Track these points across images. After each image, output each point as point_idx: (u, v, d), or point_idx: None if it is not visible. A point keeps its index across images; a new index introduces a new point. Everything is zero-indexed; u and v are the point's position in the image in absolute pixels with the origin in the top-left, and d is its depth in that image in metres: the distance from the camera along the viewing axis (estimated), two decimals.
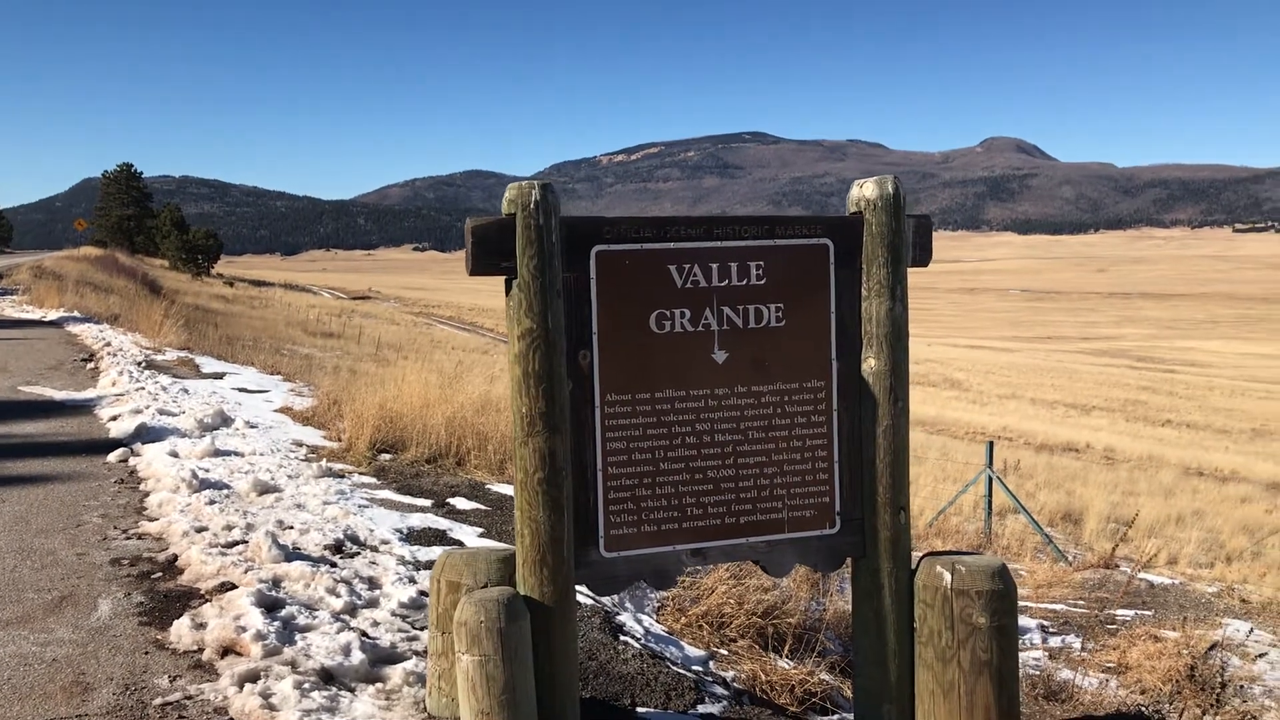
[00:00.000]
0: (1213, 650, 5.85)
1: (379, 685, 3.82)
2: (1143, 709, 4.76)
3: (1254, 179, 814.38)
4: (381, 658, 4.04)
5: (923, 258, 3.79)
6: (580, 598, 4.85)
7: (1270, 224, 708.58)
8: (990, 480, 12.20)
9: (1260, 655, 6.76)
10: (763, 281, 3.62)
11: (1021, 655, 6.23)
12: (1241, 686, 5.87)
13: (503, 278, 3.33)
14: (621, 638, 4.61)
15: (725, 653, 4.91)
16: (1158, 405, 46.51)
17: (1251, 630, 7.53)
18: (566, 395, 3.36)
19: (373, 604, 4.65)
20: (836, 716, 4.42)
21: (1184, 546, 12.92)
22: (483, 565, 3.51)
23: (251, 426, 8.93)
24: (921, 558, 3.79)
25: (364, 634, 4.23)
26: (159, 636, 4.09)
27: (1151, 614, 7.99)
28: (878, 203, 3.66)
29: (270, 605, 4.33)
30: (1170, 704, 4.93)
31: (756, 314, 3.62)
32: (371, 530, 5.77)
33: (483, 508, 6.56)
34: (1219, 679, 5.19)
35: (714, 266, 3.57)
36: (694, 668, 4.62)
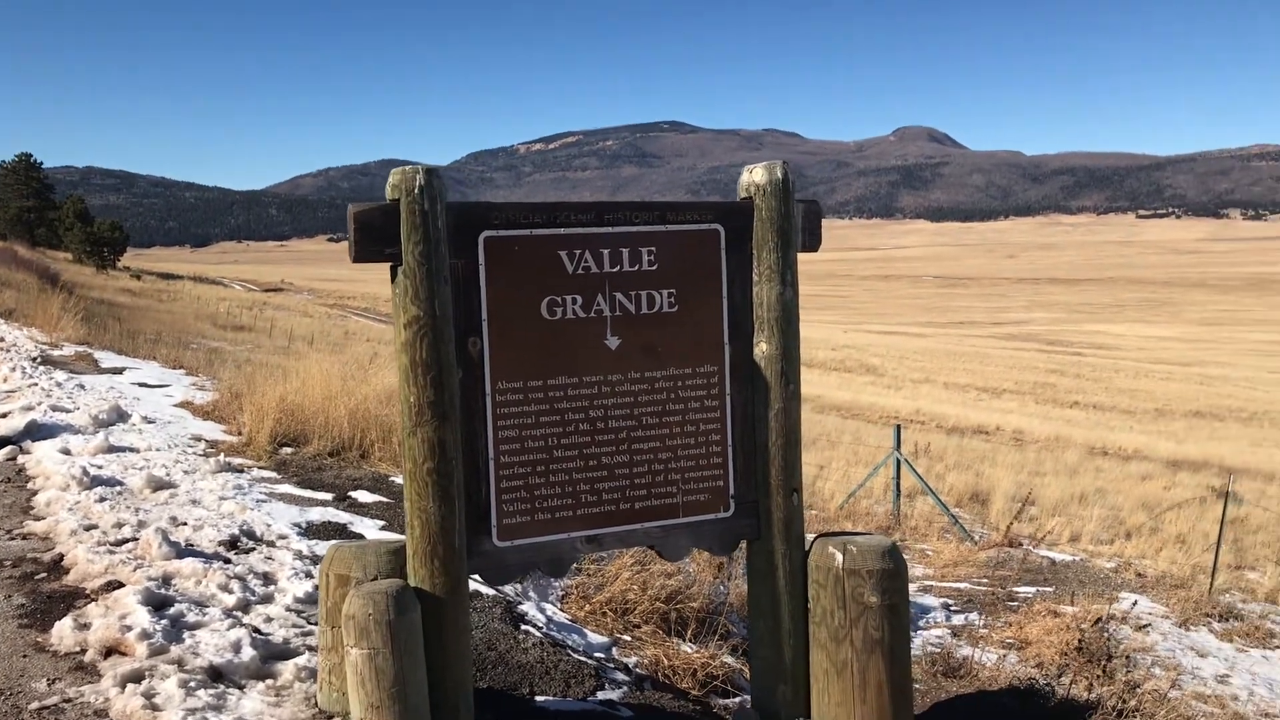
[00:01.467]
0: (1105, 624, 6.02)
1: (270, 682, 3.75)
2: (1036, 682, 4.88)
3: (1156, 166, 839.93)
4: (274, 654, 3.96)
5: (812, 242, 3.82)
6: (482, 588, 4.81)
7: (1171, 210, 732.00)
8: (899, 463, 12.41)
9: (1151, 627, 6.98)
10: (655, 267, 3.62)
11: (924, 633, 6.37)
12: (1130, 657, 6.06)
13: (388, 265, 3.28)
14: (523, 627, 4.59)
15: (629, 639, 4.91)
16: (1066, 387, 47.77)
17: (1136, 602, 7.77)
18: (456, 384, 3.32)
19: (267, 600, 4.56)
20: (737, 698, 4.45)
21: (1086, 524, 13.26)
22: (372, 558, 3.45)
23: (149, 422, 8.69)
24: (814, 539, 3.83)
25: (256, 630, 4.14)
26: (39, 639, 3.96)
27: (1052, 590, 8.20)
28: (767, 188, 3.67)
29: (159, 603, 4.22)
30: (1062, 676, 5.06)
31: (649, 300, 3.61)
32: (269, 525, 5.66)
33: (385, 500, 6.48)
34: (1108, 651, 5.35)
35: (605, 252, 3.55)
36: (596, 655, 4.62)
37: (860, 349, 60.89)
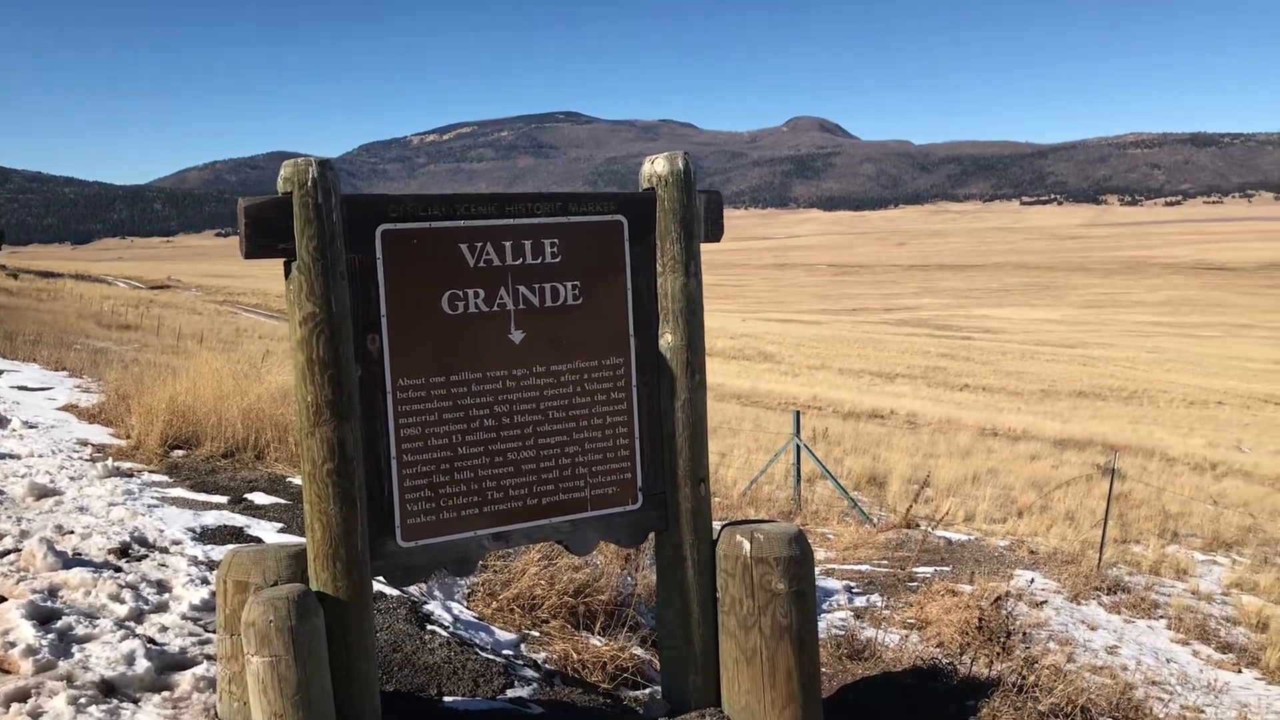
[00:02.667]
0: (1003, 601, 6.19)
1: (166, 694, 3.62)
2: (939, 662, 4.99)
3: (1038, 154, 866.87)
4: (170, 664, 3.82)
5: (715, 232, 3.83)
6: (385, 589, 4.72)
7: (1053, 197, 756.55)
8: (799, 448, 12.58)
9: (1045, 603, 7.20)
10: (558, 259, 3.58)
11: (828, 616, 6.46)
12: (1027, 633, 6.24)
13: (282, 260, 3.18)
14: (429, 627, 4.51)
15: (537, 634, 4.88)
16: (956, 371, 49.03)
17: (1035, 579, 8.02)
18: (355, 381, 3.24)
19: (161, 608, 4.40)
20: (647, 689, 4.45)
21: (980, 504, 13.63)
22: (272, 562, 3.35)
23: (31, 426, 8.33)
24: (722, 528, 3.84)
25: (151, 640, 3.99)
26: None
27: (950, 570, 8.40)
28: (669, 178, 3.66)
29: (45, 617, 4.03)
30: (963, 654, 5.18)
31: (553, 292, 3.58)
32: (162, 531, 5.47)
33: (283, 502, 6.32)
34: (1006, 628, 5.49)
35: (507, 245, 3.50)
36: (504, 652, 4.57)
37: (758, 337, 61.61)
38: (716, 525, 3.90)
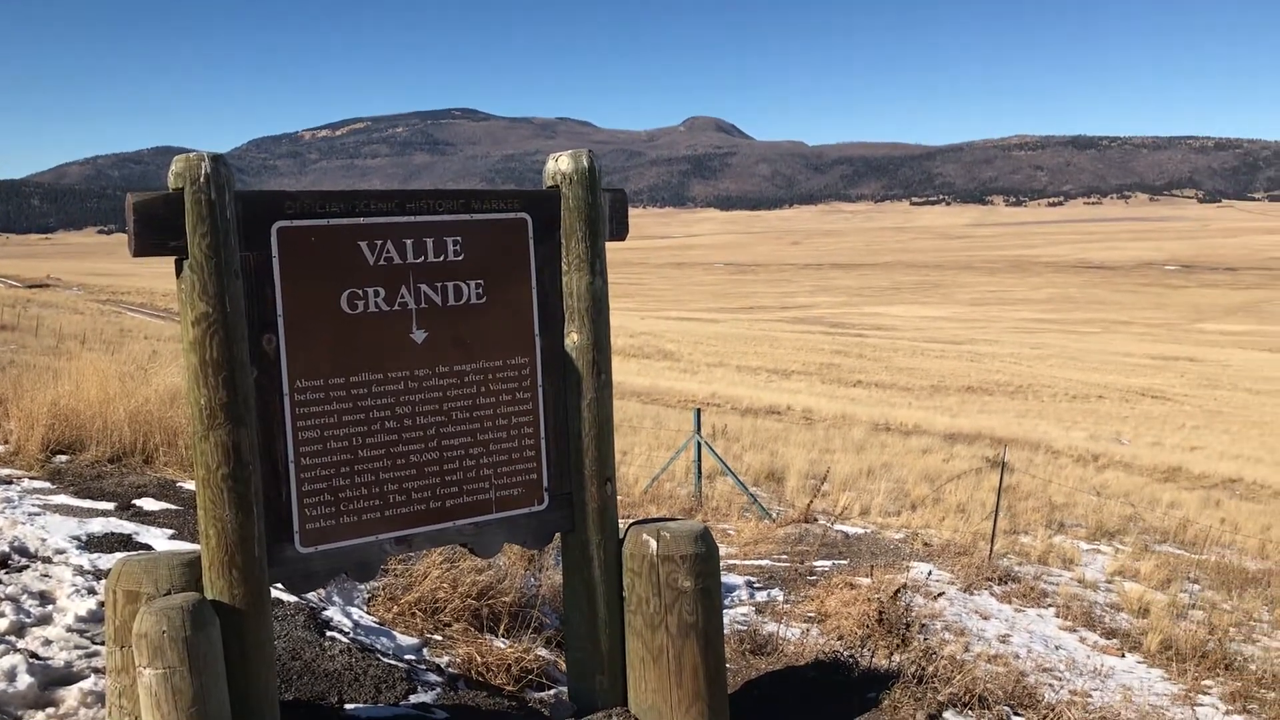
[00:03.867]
0: (900, 593, 6.31)
1: (51, 710, 3.47)
2: (840, 654, 5.06)
3: (927, 156, 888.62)
4: (54, 679, 3.66)
5: (620, 231, 3.82)
6: (283, 595, 4.60)
7: (942, 197, 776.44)
8: (699, 445, 12.67)
9: (942, 594, 7.37)
10: (461, 258, 3.53)
11: (731, 611, 6.50)
12: (925, 624, 6.37)
13: (173, 258, 3.07)
14: (328, 633, 4.41)
15: (440, 638, 4.81)
16: (849, 367, 49.97)
17: (931, 572, 8.20)
18: (251, 384, 3.15)
19: (45, 621, 4.21)
20: (552, 690, 4.43)
21: (875, 497, 13.89)
22: (165, 571, 3.23)
23: None
24: (629, 527, 3.83)
25: (33, 655, 3.82)
26: None
27: (847, 563, 8.54)
28: (573, 176, 3.64)
29: None
30: (863, 647, 5.27)
31: (456, 291, 3.52)
32: (44, 540, 5.23)
33: (174, 508, 6.11)
34: (905, 620, 5.60)
35: (409, 243, 3.44)
36: (407, 657, 4.49)
37: (657, 335, 61.91)
38: (622, 524, 3.89)
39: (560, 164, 3.68)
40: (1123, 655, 6.96)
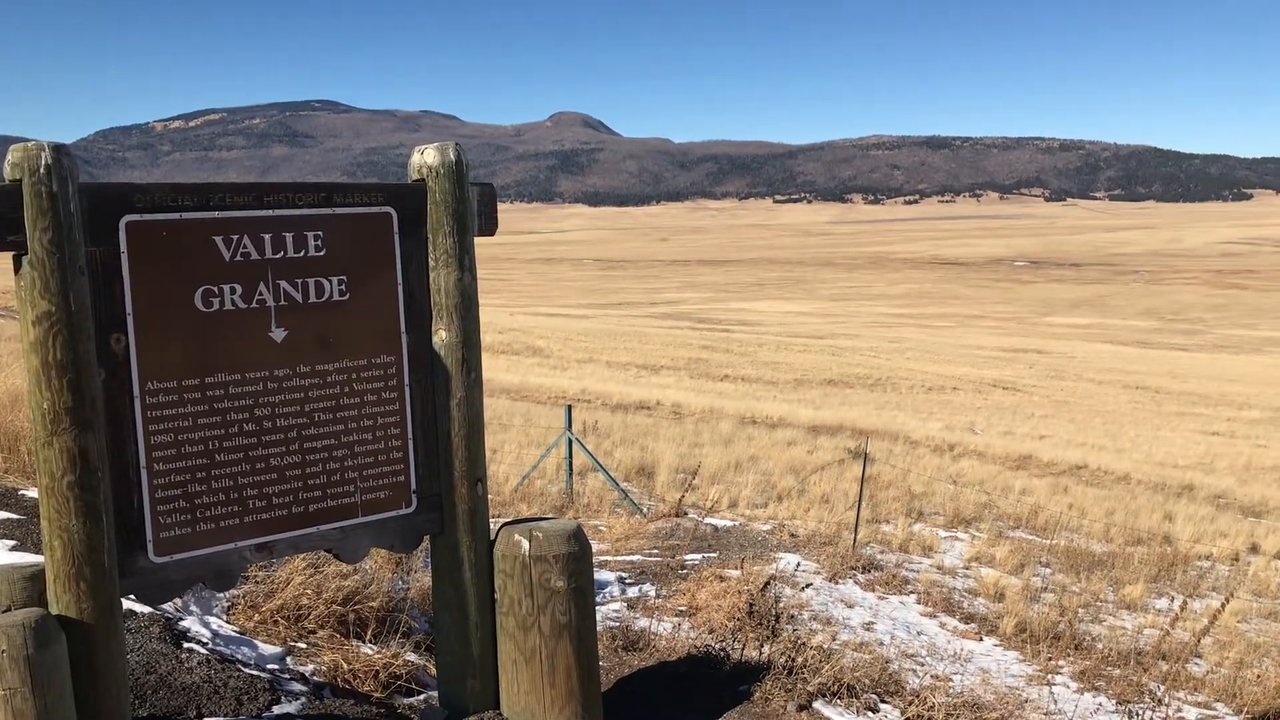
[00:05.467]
0: (769, 585, 6.40)
1: None
2: (711, 648, 5.10)
3: (789, 154, 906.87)
4: None
5: (489, 226, 3.75)
6: (136, 607, 4.39)
7: (804, 195, 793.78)
8: (570, 442, 12.63)
9: (810, 585, 7.51)
10: (322, 253, 3.41)
11: (603, 608, 6.50)
12: (793, 615, 6.48)
13: (11, 254, 2.88)
14: (186, 645, 4.22)
15: (304, 646, 4.66)
16: (717, 362, 50.60)
17: (799, 563, 8.35)
18: (99, 386, 2.98)
19: None
20: (422, 695, 4.34)
21: (743, 490, 14.09)
22: (4, 585, 3.04)
23: None
24: (500, 527, 3.78)
25: None
26: None
27: (717, 556, 8.63)
28: (440, 169, 3.56)
29: None
30: (734, 639, 5.32)
31: (317, 288, 3.41)
32: None
33: (15, 517, 5.77)
34: (774, 612, 5.68)
35: (267, 237, 3.31)
36: (269, 666, 4.34)
37: (526, 331, 61.59)
38: (493, 524, 3.83)
39: (426, 157, 3.59)
40: (980, 639, 7.21)
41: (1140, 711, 5.27)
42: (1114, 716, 5.51)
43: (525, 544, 3.67)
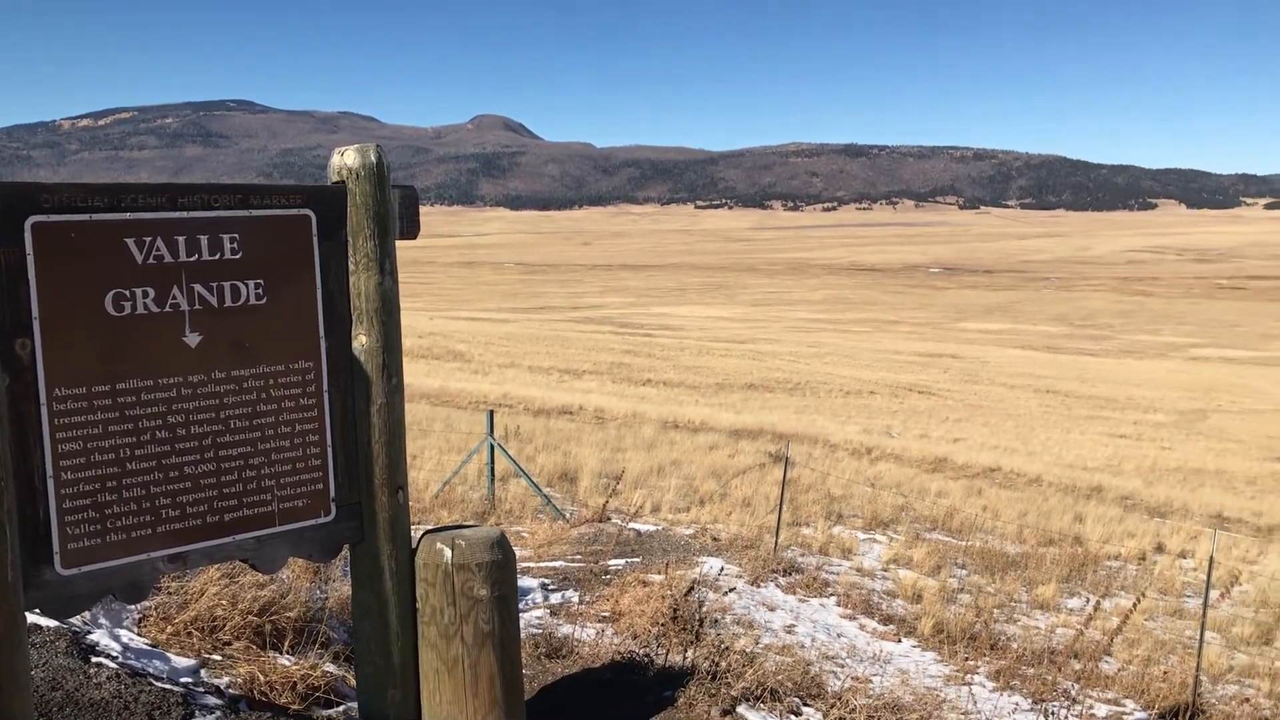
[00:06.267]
0: (693, 589, 6.42)
1: None
2: (635, 654, 5.09)
3: (710, 161, 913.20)
4: None
5: (410, 229, 3.70)
6: (41, 621, 4.24)
7: (725, 201, 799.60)
8: (492, 447, 12.54)
9: (731, 590, 7.55)
10: (239, 256, 3.34)
11: (525, 615, 6.45)
12: (716, 619, 6.50)
13: None
14: (94, 659, 4.09)
15: (219, 658, 4.55)
16: (639, 366, 50.73)
17: (722, 567, 8.39)
18: (3, 391, 2.87)
19: None
20: (341, 707, 4.26)
21: (666, 494, 14.12)
22: None
23: None
24: (422, 536, 3.73)
25: None
26: None
27: (640, 560, 8.63)
28: (360, 172, 3.51)
29: None
30: (658, 645, 5.32)
31: (234, 291, 3.33)
32: None
33: None
34: (697, 616, 5.70)
35: (181, 240, 3.22)
36: (183, 680, 4.22)
37: (447, 335, 61.05)
38: (414, 532, 3.78)
39: (347, 159, 3.53)
40: (899, 640, 7.32)
41: (1055, 710, 5.39)
42: (1030, 715, 5.63)
43: (448, 552, 3.62)
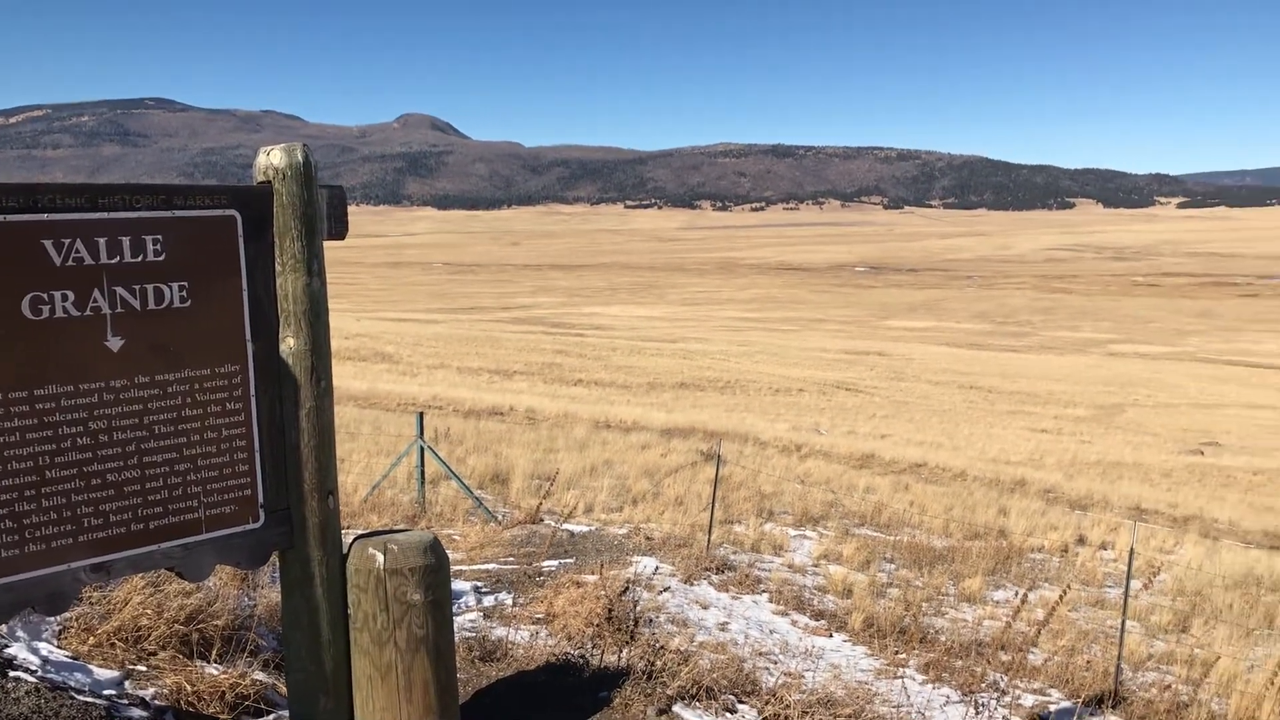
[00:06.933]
0: (628, 589, 6.42)
1: None
2: (570, 656, 5.08)
3: (639, 160, 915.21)
4: None
5: (339, 230, 3.65)
6: None
7: (654, 201, 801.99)
8: (422, 450, 12.42)
9: (666, 589, 7.57)
10: (162, 258, 3.26)
11: (458, 619, 6.41)
12: (651, 618, 6.51)
13: None
14: (12, 673, 3.97)
15: (144, 669, 4.44)
16: (570, 366, 50.64)
17: (657, 568, 8.41)
18: None
19: None
20: (272, 715, 4.19)
21: (598, 494, 14.11)
22: None
23: None
24: (353, 541, 3.68)
25: None
26: None
27: (574, 561, 8.62)
28: (287, 171, 3.45)
29: None
30: (593, 646, 5.31)
31: (157, 294, 3.25)
32: None
33: None
34: (631, 616, 5.70)
35: (101, 241, 3.14)
36: (106, 692, 4.12)
37: (375, 337, 60.35)
38: (344, 536, 3.73)
39: (273, 158, 3.47)
40: (831, 635, 7.40)
41: (984, 701, 5.49)
42: (959, 706, 5.73)
43: (380, 557, 3.58)
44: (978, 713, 5.22)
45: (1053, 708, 6.00)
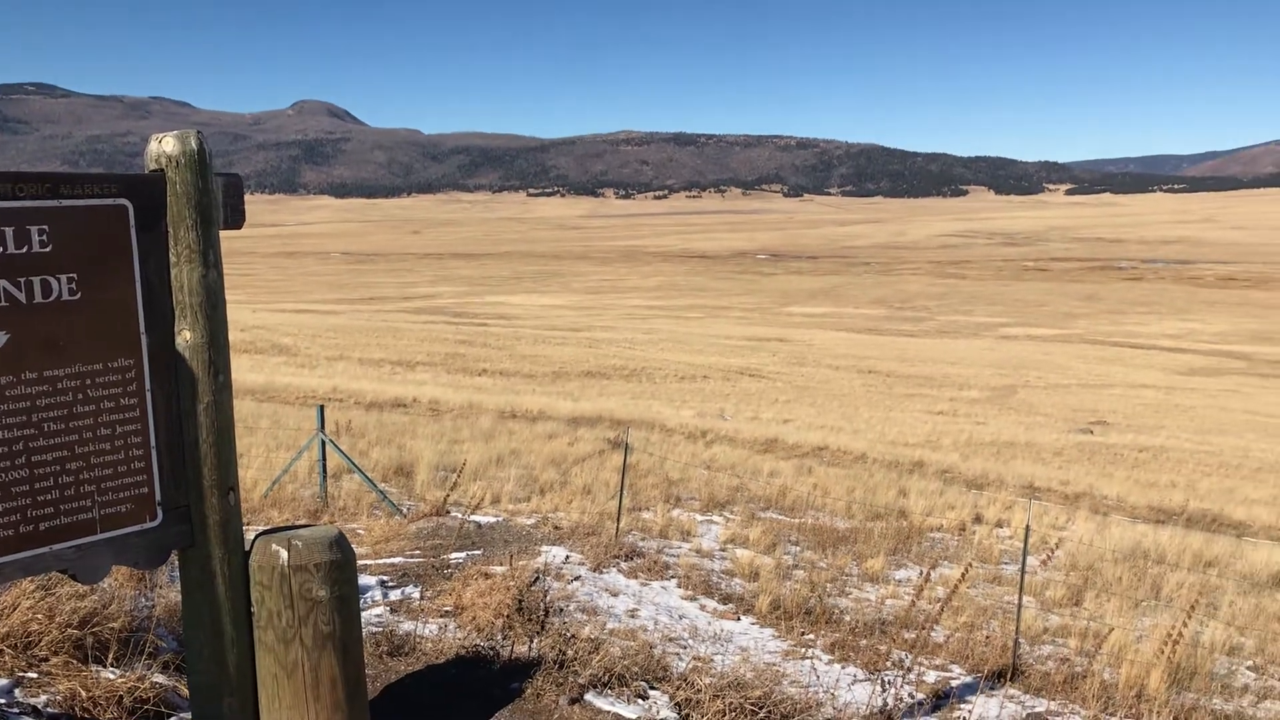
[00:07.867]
0: (537, 579, 6.40)
1: None
2: (480, 648, 5.05)
3: (541, 149, 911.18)
4: None
5: (235, 219, 3.56)
6: None
7: (557, 189, 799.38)
8: (323, 443, 12.20)
9: (576, 578, 7.57)
10: (49, 249, 3.13)
11: (365, 614, 6.31)
12: (561, 607, 6.51)
13: None
14: None
15: (35, 675, 4.28)
16: (474, 356, 50.23)
17: (567, 557, 8.40)
18: None
19: None
20: (174, 718, 4.08)
21: (506, 485, 14.03)
22: None
23: None
24: (255, 538, 3.60)
25: None
26: None
27: (482, 553, 8.57)
28: (181, 159, 3.34)
29: None
30: (503, 637, 5.29)
31: (44, 287, 3.12)
32: None
33: None
34: (542, 606, 5.69)
35: None
36: None
37: (271, 328, 59.04)
38: (250, 535, 3.64)
39: (165, 146, 3.36)
40: (739, 619, 7.49)
41: (889, 679, 5.62)
42: (865, 685, 5.85)
43: (284, 554, 3.51)
44: (883, 690, 5.34)
45: (955, 683, 6.17)
